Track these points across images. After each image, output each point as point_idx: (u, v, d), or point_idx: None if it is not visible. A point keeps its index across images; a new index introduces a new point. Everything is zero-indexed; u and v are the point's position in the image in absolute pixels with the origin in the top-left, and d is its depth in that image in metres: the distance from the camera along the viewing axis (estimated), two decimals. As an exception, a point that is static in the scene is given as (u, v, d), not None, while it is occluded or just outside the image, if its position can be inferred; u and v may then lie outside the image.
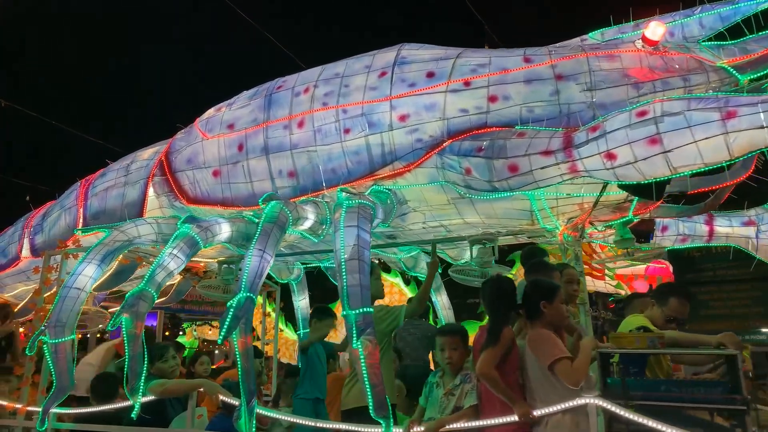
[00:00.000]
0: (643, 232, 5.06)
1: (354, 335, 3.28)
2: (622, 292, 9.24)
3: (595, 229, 5.06)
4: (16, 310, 6.85)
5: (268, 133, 5.03)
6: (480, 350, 3.09)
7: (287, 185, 4.95)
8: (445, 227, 5.11)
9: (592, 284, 8.09)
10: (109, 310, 7.89)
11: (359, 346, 3.32)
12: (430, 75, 4.55)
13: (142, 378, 4.03)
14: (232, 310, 3.54)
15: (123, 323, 4.05)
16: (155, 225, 5.19)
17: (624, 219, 4.78)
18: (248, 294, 3.71)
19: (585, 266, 7.85)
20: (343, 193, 4.24)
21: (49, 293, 5.39)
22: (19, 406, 4.56)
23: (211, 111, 5.63)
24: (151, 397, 4.01)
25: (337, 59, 5.22)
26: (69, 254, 5.34)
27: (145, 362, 4.19)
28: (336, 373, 5.74)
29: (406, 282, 13.87)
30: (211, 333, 18.34)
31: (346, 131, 4.68)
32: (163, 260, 4.35)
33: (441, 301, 6.85)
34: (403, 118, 4.50)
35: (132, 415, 3.90)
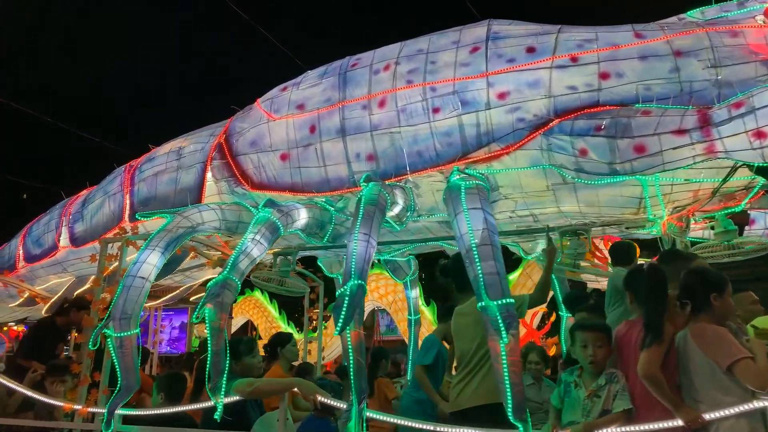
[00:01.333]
0: (740, 224, 4.76)
1: (502, 329, 2.92)
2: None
3: (696, 220, 4.74)
4: (47, 304, 6.44)
5: (344, 113, 4.68)
6: (641, 348, 2.75)
7: (366, 169, 4.61)
8: (535, 216, 4.78)
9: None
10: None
11: (505, 342, 2.95)
12: (531, 50, 4.23)
13: (225, 376, 3.64)
14: (346, 299, 3.18)
15: (206, 315, 3.67)
16: (219, 211, 4.84)
17: (729, 210, 4.47)
18: (359, 281, 3.37)
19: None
20: (457, 174, 3.87)
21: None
22: (78, 407, 4.16)
23: (274, 91, 5.27)
24: (235, 398, 3.62)
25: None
26: (129, 242, 4.94)
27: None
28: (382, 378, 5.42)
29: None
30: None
31: (435, 110, 4.35)
32: (246, 247, 4.01)
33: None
34: (502, 95, 4.17)
35: (215, 417, 3.53)
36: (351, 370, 3.29)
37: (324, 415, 3.56)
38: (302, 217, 4.52)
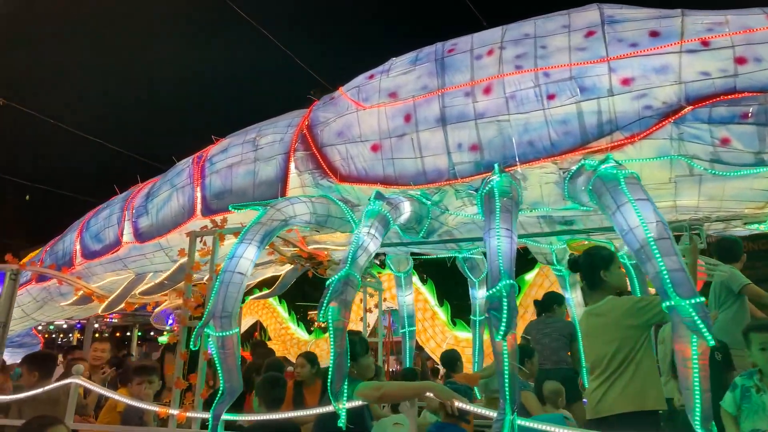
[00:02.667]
0: None
1: (703, 330, 2.68)
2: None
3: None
4: (104, 303, 6.17)
5: (444, 101, 4.45)
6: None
7: (468, 160, 4.37)
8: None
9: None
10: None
11: (696, 344, 2.71)
12: (655, 34, 4.00)
13: (346, 380, 3.39)
14: (504, 301, 2.94)
15: (330, 314, 3.42)
16: (309, 204, 4.61)
17: None
18: (510, 281, 3.12)
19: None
20: (604, 164, 3.62)
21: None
22: (174, 411, 3.89)
23: (360, 79, 5.03)
24: (357, 403, 3.37)
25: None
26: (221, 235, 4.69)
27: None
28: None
29: (423, 280, 13.38)
30: None
31: (551, 97, 4.11)
32: (362, 241, 3.78)
33: (575, 297, 6.28)
34: (626, 81, 3.94)
35: (339, 424, 3.27)
36: (505, 375, 3.04)
37: (455, 421, 3.31)
38: (407, 210, 4.28)
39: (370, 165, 4.72)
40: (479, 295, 6.78)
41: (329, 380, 3.41)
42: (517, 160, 4.26)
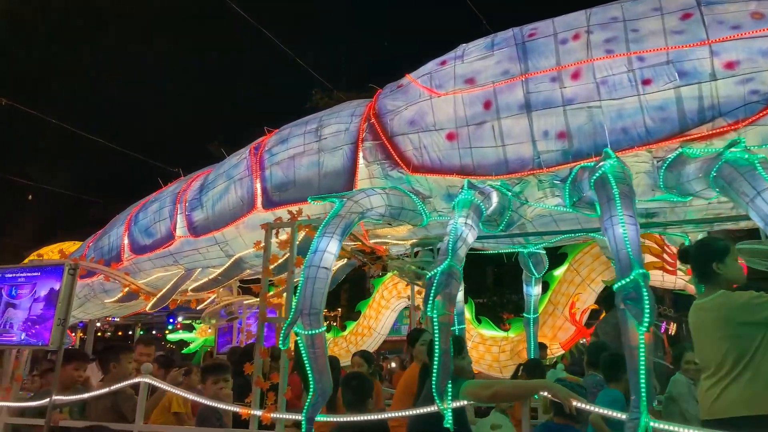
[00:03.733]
0: None
1: None
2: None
3: None
4: (152, 300, 5.98)
5: (528, 86, 4.27)
6: None
7: (555, 149, 4.20)
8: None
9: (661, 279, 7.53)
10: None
11: None
12: (758, 16, 3.81)
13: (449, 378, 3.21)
14: (643, 290, 2.76)
15: (434, 308, 3.23)
16: (385, 196, 4.45)
17: None
18: (641, 270, 2.94)
19: (656, 259, 7.27)
20: (732, 148, 3.43)
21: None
22: (258, 412, 3.70)
23: (431, 65, 4.85)
24: (463, 403, 3.19)
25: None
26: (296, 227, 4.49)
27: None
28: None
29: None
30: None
31: (646, 82, 3.94)
32: (461, 231, 3.59)
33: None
34: (730, 65, 3.77)
35: (446, 425, 3.09)
36: (641, 372, 2.86)
37: (568, 421, 3.13)
38: (494, 201, 4.09)
39: (445, 154, 4.54)
40: (535, 292, 6.61)
41: (434, 379, 3.22)
42: (609, 147, 4.08)
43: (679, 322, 9.95)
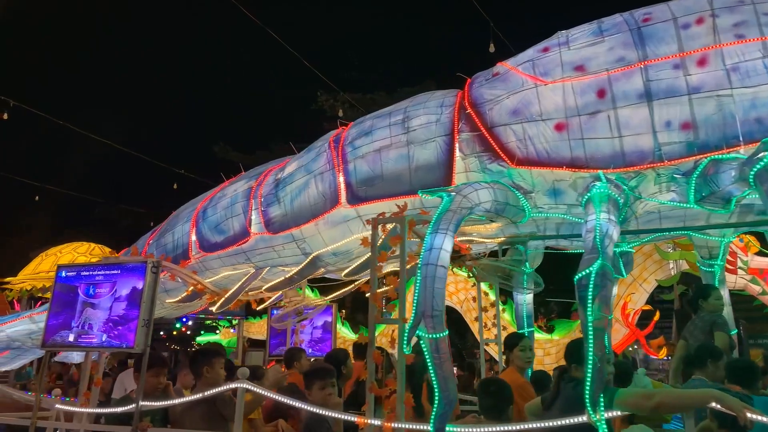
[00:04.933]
0: None
1: None
2: (758, 288, 8.38)
3: None
4: (220, 300, 5.72)
5: (648, 74, 4.02)
6: None
7: (678, 140, 3.94)
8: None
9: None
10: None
11: None
12: None
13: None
14: None
15: (590, 313, 2.97)
16: (492, 191, 4.21)
17: None
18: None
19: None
20: None
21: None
22: (375, 422, 3.43)
23: (531, 53, 4.60)
24: (616, 413, 2.92)
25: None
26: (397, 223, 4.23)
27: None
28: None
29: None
30: (254, 330, 17.10)
31: (784, 68, 3.64)
32: (606, 228, 3.31)
33: (725, 295, 5.81)
34: None
35: (600, 437, 2.82)
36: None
37: (730, 433, 2.86)
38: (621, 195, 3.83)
39: (553, 146, 4.27)
40: (614, 292, 6.33)
41: (588, 387, 2.96)
42: (741, 139, 3.81)
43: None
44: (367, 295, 4.16)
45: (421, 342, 3.47)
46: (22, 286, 20.15)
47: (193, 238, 5.77)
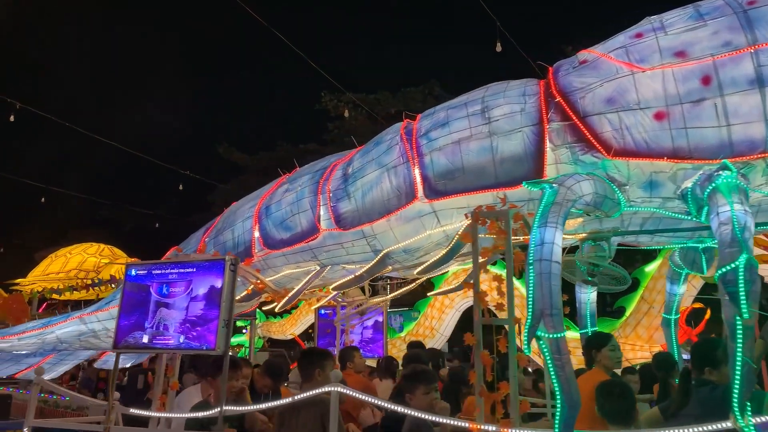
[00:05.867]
0: None
1: None
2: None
3: None
4: (282, 300, 5.52)
5: (759, 59, 3.78)
6: None
7: (792, 129, 3.68)
8: None
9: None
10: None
11: None
12: None
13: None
14: None
15: (742, 311, 2.75)
16: (592, 183, 4.02)
17: None
18: None
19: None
20: None
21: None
22: (491, 428, 3.22)
23: (622, 39, 4.39)
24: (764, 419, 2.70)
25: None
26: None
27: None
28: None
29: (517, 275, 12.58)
30: (275, 330, 16.87)
31: None
32: (743, 219, 3.11)
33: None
34: None
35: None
36: None
37: None
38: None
39: (653, 136, 4.06)
40: (680, 291, 6.11)
41: (736, 391, 2.74)
42: None
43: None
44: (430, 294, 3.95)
45: (540, 343, 3.26)
46: (32, 287, 20.00)
47: (256, 234, 5.56)
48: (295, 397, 3.70)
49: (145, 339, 4.24)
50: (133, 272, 4.46)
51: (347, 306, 7.40)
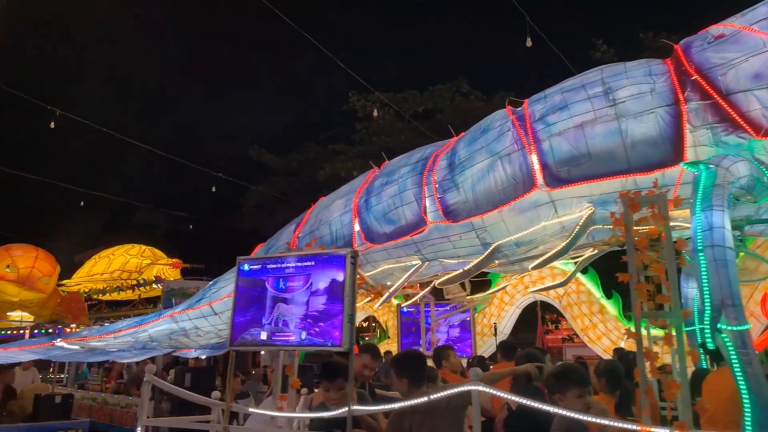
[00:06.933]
0: None
1: None
2: None
3: None
4: (383, 297, 5.31)
5: None
6: None
7: None
8: None
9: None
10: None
11: None
12: None
13: None
14: None
15: None
16: (748, 164, 3.66)
17: None
18: None
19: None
20: None
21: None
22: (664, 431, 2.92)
23: (764, 9, 4.00)
24: None
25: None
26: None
27: None
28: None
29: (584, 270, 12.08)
30: None
31: None
32: None
33: None
34: None
35: None
36: None
37: None
38: None
39: (810, 113, 3.71)
40: None
41: None
42: None
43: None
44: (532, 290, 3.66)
45: (723, 337, 2.96)
46: (78, 288, 20.31)
47: (357, 228, 5.38)
48: (432, 396, 3.48)
49: (264, 336, 4.07)
50: (246, 267, 4.31)
51: (430, 303, 7.16)
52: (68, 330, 14.11)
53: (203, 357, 8.25)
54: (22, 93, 12.87)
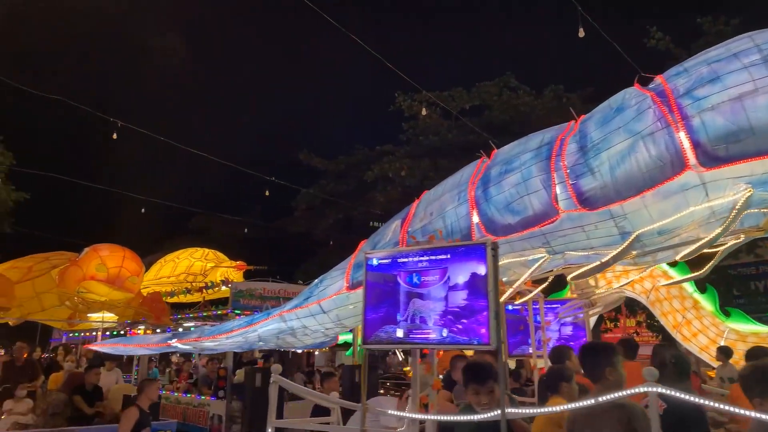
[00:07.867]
0: None
1: None
2: None
3: None
4: (506, 293, 4.99)
5: None
6: None
7: None
8: None
9: None
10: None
11: None
12: None
13: None
14: None
15: None
16: None
17: None
18: None
19: None
20: None
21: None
22: None
23: None
24: None
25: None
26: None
27: None
28: None
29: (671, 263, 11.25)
30: None
31: None
32: None
33: None
34: None
35: None
36: None
37: None
38: None
39: None
40: None
41: None
42: None
43: None
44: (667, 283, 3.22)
45: None
46: (146, 291, 20.87)
47: (475, 220, 5.09)
48: (595, 400, 3.15)
49: (400, 333, 3.84)
50: (375, 261, 4.09)
51: (539, 300, 6.78)
52: (135, 332, 14.45)
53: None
54: (87, 106, 13.48)
